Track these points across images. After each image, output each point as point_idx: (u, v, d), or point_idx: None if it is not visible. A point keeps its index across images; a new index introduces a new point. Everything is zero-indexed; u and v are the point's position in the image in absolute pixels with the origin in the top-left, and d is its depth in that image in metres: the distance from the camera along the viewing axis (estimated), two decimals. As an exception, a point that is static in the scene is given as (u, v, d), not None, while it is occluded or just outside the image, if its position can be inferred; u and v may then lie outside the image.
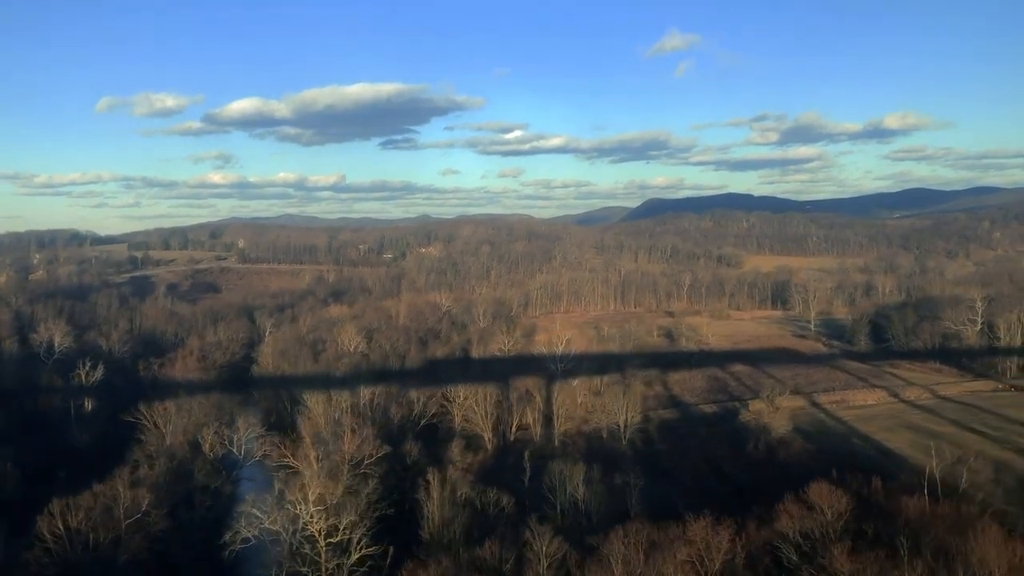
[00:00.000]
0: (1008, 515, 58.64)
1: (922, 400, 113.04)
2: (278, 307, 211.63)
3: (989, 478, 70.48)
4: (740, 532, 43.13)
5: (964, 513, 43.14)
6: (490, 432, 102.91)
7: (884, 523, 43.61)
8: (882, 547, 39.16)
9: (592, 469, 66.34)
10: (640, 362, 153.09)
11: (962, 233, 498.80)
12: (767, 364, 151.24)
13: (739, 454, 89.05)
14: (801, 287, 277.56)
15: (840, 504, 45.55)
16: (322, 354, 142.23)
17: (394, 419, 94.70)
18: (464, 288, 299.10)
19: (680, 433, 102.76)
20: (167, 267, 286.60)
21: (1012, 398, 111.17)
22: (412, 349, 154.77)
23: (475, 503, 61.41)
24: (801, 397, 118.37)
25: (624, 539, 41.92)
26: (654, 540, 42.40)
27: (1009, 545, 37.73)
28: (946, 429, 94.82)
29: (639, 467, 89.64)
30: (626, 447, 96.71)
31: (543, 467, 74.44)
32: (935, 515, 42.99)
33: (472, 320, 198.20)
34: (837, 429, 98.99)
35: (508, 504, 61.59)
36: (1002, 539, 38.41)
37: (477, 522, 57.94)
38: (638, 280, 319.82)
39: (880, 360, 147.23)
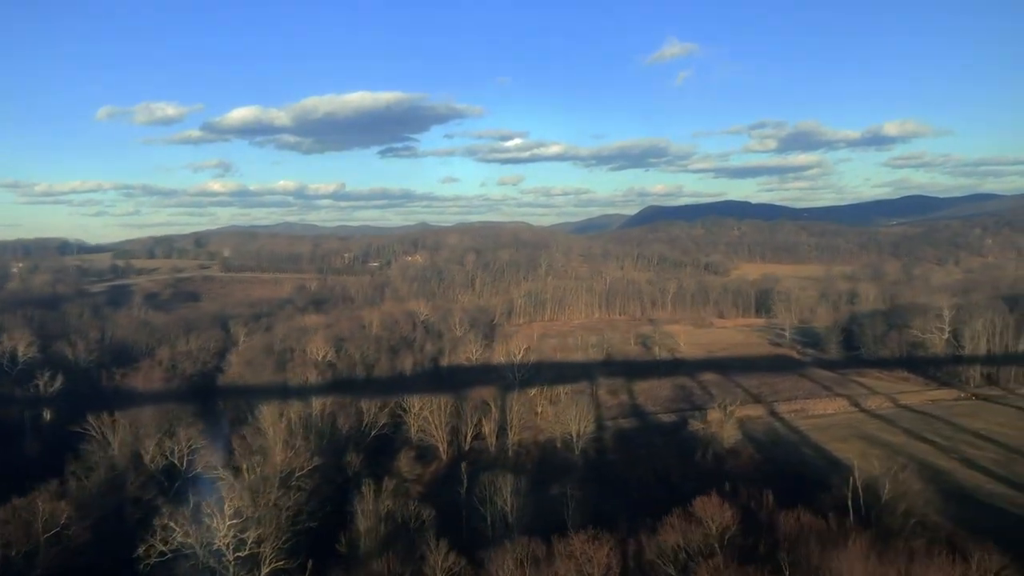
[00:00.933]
0: (928, 527, 58.31)
1: (882, 409, 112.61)
2: (254, 316, 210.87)
3: (920, 489, 70.08)
4: (624, 546, 42.65)
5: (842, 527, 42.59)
6: (445, 443, 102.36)
7: (766, 537, 43.17)
8: (761, 562, 38.74)
9: (520, 480, 65.65)
10: (609, 371, 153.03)
11: (953, 240, 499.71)
12: (736, 373, 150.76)
13: (688, 464, 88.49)
14: (783, 295, 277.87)
15: (725, 518, 45.08)
16: (287, 364, 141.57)
17: (342, 430, 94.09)
18: (447, 297, 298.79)
19: (635, 442, 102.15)
20: (149, 276, 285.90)
21: (971, 407, 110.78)
22: (382, 358, 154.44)
23: (395, 516, 60.78)
24: (762, 406, 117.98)
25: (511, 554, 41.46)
26: (537, 555, 41.98)
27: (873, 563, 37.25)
28: (898, 439, 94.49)
29: (589, 477, 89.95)
30: (578, 457, 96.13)
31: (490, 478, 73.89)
32: (811, 529, 42.45)
33: (448, 329, 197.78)
34: (790, 439, 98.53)
35: (429, 517, 60.97)
36: (866, 555, 37.92)
37: (396, 536, 57.34)
38: (624, 288, 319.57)
39: (849, 368, 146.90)
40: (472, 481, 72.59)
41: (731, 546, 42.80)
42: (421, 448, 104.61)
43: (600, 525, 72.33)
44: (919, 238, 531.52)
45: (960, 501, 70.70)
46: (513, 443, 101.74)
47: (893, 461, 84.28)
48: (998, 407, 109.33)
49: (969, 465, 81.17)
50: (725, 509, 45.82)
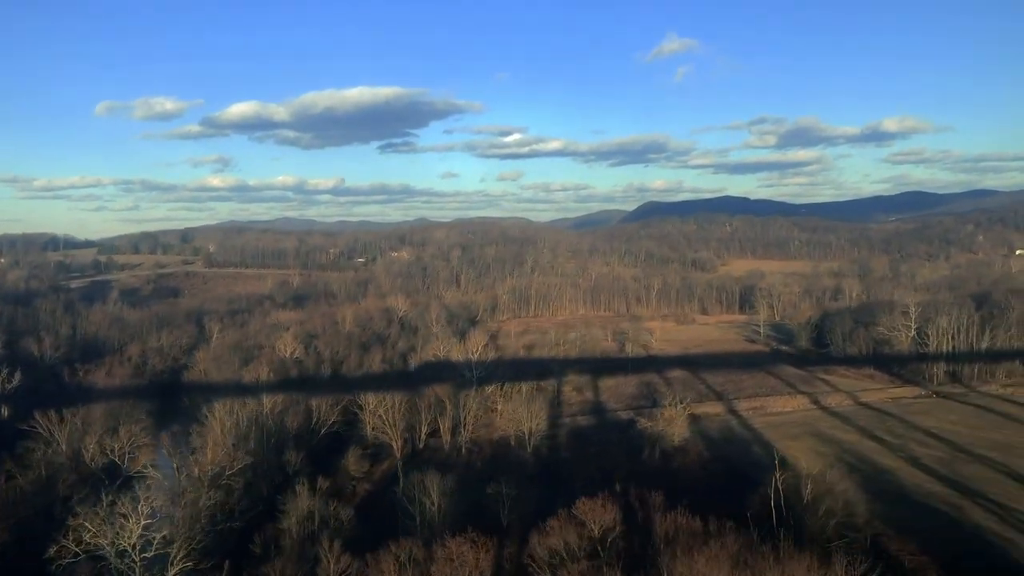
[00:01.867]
0: (850, 527, 57.92)
1: (841, 407, 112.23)
2: (230, 312, 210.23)
3: (846, 488, 69.73)
4: (504, 548, 42.19)
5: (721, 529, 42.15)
6: (399, 440, 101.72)
7: (643, 539, 42.73)
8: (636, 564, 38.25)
9: (448, 480, 65.20)
10: (579, 367, 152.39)
11: (944, 237, 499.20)
12: (705, 369, 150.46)
13: (636, 461, 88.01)
14: (765, 291, 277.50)
15: (607, 519, 44.62)
16: (253, 361, 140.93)
17: (290, 428, 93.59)
18: (431, 293, 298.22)
19: (589, 440, 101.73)
20: (131, 272, 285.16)
21: (929, 405, 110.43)
22: (352, 355, 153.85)
23: (315, 516, 60.29)
24: (721, 403, 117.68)
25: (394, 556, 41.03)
26: (417, 557, 41.54)
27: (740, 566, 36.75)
28: (850, 437, 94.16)
29: (537, 475, 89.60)
30: (530, 455, 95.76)
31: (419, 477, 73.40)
32: (687, 531, 41.95)
33: (424, 326, 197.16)
34: (743, 436, 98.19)
35: (347, 516, 60.54)
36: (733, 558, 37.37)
37: (312, 536, 56.84)
38: (609, 285, 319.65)
39: (819, 366, 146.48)
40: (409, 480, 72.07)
41: (612, 548, 42.37)
42: (377, 446, 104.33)
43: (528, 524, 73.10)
44: (911, 234, 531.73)
45: (895, 500, 70.42)
46: (467, 441, 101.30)
47: (839, 460, 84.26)
48: (956, 405, 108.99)
49: (914, 464, 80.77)
50: (607, 510, 45.33)
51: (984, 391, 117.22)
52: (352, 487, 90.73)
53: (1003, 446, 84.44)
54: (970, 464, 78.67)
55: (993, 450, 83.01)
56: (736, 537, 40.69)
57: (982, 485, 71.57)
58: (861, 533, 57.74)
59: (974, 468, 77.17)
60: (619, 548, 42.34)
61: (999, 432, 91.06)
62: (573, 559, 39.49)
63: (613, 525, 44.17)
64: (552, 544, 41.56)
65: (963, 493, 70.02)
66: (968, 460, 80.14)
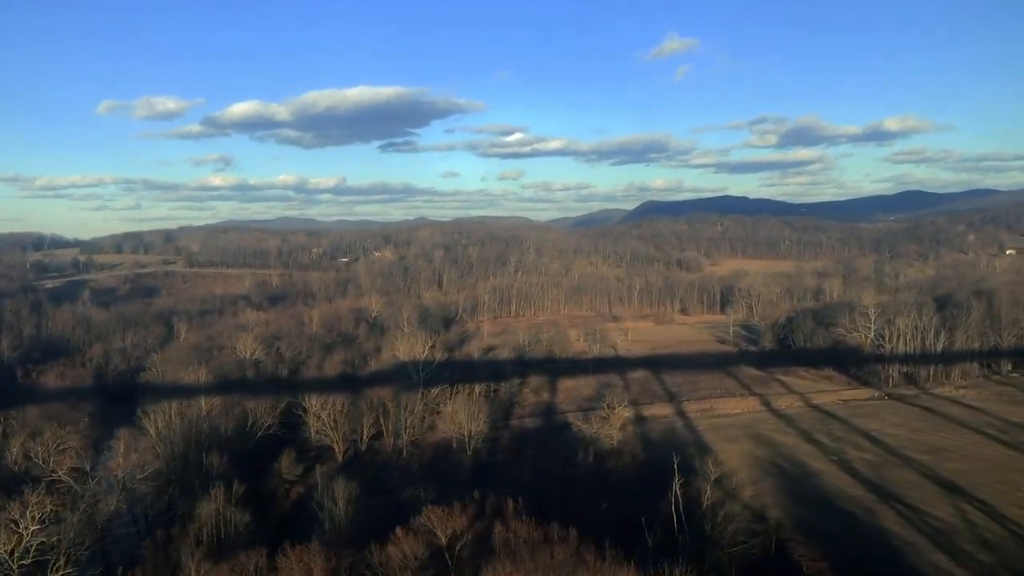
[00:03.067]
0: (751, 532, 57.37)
1: (791, 409, 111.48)
2: (202, 312, 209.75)
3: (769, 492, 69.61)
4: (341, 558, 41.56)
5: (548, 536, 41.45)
6: (340, 443, 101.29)
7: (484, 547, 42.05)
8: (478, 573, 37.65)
9: (351, 485, 64.58)
10: (544, 368, 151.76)
11: (935, 237, 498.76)
12: (667, 370, 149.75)
13: (570, 464, 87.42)
14: (744, 291, 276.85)
15: (458, 526, 43.97)
16: (211, 362, 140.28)
17: (224, 431, 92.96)
18: (411, 293, 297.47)
19: (531, 442, 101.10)
20: (110, 271, 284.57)
21: (877, 407, 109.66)
22: (314, 356, 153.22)
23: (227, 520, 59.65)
24: (671, 405, 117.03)
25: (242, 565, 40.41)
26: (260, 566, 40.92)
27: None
28: (789, 439, 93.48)
29: (471, 479, 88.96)
30: (470, 458, 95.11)
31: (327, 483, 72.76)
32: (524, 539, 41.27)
33: (396, 326, 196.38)
34: (684, 439, 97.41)
35: (243, 522, 59.89)
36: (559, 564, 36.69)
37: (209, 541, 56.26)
38: (592, 284, 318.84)
39: (779, 367, 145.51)
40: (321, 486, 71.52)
41: (460, 557, 41.75)
42: (320, 449, 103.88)
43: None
44: (902, 234, 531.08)
45: (813, 504, 69.92)
46: (407, 444, 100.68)
47: (770, 463, 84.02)
48: (904, 407, 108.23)
49: (843, 467, 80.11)
50: (456, 519, 44.66)
51: (936, 393, 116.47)
52: (285, 490, 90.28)
53: (936, 449, 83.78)
54: (898, 468, 78.02)
55: (925, 453, 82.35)
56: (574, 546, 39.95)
57: (902, 489, 70.96)
58: (759, 539, 57.20)
59: (900, 472, 76.52)
60: (464, 557, 41.75)
61: (937, 435, 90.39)
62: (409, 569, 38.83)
63: (462, 533, 43.55)
64: (392, 553, 40.88)
65: (882, 497, 69.43)
66: (897, 463, 79.49)
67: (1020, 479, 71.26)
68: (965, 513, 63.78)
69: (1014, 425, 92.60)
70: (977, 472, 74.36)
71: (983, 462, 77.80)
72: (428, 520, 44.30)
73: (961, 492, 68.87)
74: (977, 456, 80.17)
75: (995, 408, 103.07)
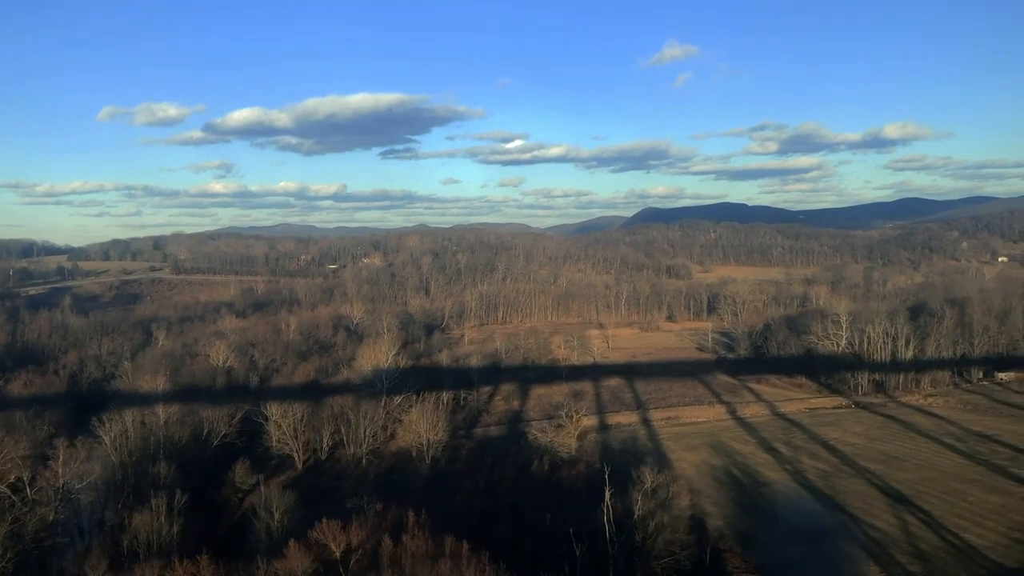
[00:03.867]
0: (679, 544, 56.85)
1: (756, 417, 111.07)
2: (183, 319, 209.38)
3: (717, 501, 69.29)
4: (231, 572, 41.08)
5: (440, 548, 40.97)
6: (300, 452, 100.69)
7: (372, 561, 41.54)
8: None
9: (287, 495, 64.02)
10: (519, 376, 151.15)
11: (928, 244, 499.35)
12: (641, 377, 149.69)
13: (526, 473, 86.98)
14: (730, 299, 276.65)
15: (354, 540, 43.48)
16: (182, 370, 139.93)
17: (179, 439, 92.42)
18: (398, 300, 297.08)
19: (491, 451, 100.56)
20: (95, 278, 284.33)
21: (842, 415, 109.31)
22: (289, 363, 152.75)
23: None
24: (636, 413, 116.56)
25: None
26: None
27: None
28: (748, 448, 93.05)
29: (425, 488, 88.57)
30: (427, 467, 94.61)
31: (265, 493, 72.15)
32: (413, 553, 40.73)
33: (376, 333, 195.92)
34: (643, 447, 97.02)
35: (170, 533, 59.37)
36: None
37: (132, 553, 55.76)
38: (581, 291, 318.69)
39: (753, 374, 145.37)
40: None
41: (353, 571, 41.22)
42: (281, 458, 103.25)
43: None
44: (896, 241, 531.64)
45: (758, 514, 69.44)
46: (367, 453, 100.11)
47: (724, 472, 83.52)
48: (869, 416, 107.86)
49: (796, 477, 79.64)
50: (352, 531, 44.14)
51: (904, 402, 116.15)
52: (239, 500, 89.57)
53: (891, 458, 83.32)
54: (849, 478, 77.53)
55: (879, 463, 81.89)
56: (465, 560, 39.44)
57: (849, 499, 70.50)
58: (691, 550, 56.66)
59: (850, 482, 76.04)
60: (357, 572, 41.27)
61: (895, 444, 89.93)
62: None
63: (357, 547, 43.01)
64: (278, 568, 40.33)
65: (827, 507, 68.98)
66: (849, 473, 79.01)
67: (967, 489, 70.82)
68: (906, 523, 63.32)
69: (973, 434, 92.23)
70: (926, 481, 73.94)
71: (934, 471, 77.35)
72: (322, 534, 43.81)
73: (907, 502, 68.42)
74: (930, 465, 79.71)
75: (958, 417, 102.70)
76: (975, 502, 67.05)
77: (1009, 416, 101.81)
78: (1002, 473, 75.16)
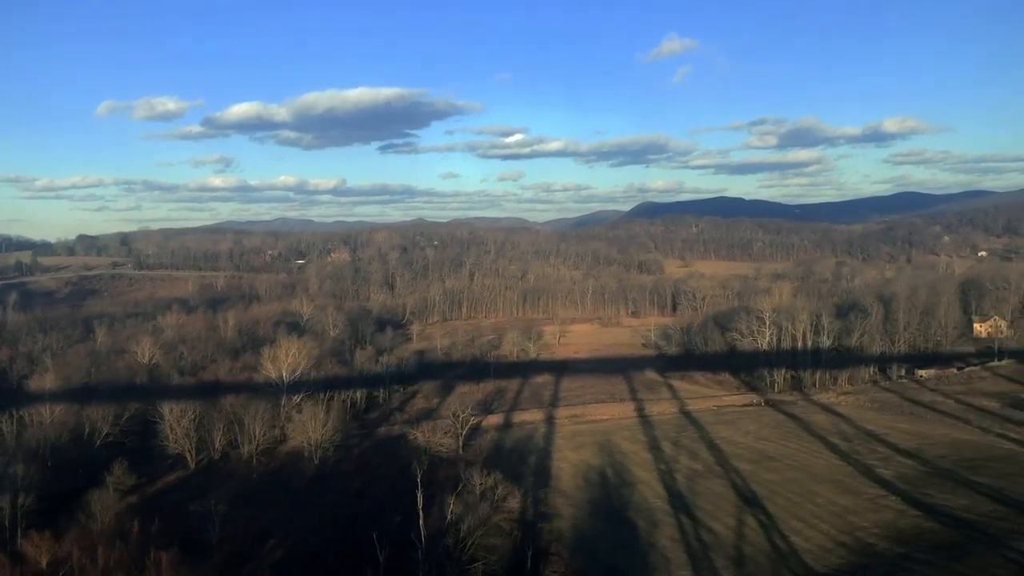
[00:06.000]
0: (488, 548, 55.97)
1: (662, 415, 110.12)
2: (130, 315, 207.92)
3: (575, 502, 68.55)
4: None
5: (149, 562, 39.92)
6: (192, 452, 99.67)
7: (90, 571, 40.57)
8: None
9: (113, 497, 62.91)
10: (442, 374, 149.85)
11: (907, 239, 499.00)
12: (572, 374, 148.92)
13: (404, 474, 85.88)
14: (689, 294, 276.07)
15: (62, 552, 42.53)
16: (103, 367, 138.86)
17: (60, 440, 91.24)
18: (360, 295, 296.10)
19: (382, 451, 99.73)
20: (54, 274, 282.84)
21: (745, 414, 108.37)
22: (220, 361, 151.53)
23: None
24: (546, 410, 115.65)
25: None
26: None
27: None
28: (634, 447, 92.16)
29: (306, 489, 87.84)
30: (314, 468, 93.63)
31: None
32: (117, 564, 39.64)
33: (322, 330, 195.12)
34: (535, 446, 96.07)
35: None
36: None
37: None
38: (548, 287, 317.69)
39: (681, 371, 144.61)
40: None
41: None
42: (176, 458, 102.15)
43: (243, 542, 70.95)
44: (877, 236, 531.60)
45: (608, 516, 68.53)
46: (258, 453, 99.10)
47: (597, 472, 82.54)
48: (772, 414, 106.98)
49: (665, 477, 78.69)
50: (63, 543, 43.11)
51: (816, 399, 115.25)
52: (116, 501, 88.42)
53: (766, 458, 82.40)
54: (714, 478, 76.60)
55: (752, 463, 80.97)
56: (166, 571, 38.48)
57: (702, 500, 69.62)
58: (501, 554, 55.75)
59: (713, 482, 75.11)
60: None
61: (779, 443, 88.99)
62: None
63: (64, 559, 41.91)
64: None
65: (677, 509, 68.05)
66: (717, 474, 78.07)
67: (822, 490, 69.89)
68: (744, 525, 62.40)
69: (864, 433, 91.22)
70: (787, 483, 73.01)
71: (801, 472, 76.43)
72: (30, 545, 42.77)
73: (756, 504, 67.50)
74: (800, 466, 78.78)
75: (859, 415, 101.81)
76: (823, 504, 66.13)
77: (909, 415, 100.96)
78: (867, 474, 74.22)
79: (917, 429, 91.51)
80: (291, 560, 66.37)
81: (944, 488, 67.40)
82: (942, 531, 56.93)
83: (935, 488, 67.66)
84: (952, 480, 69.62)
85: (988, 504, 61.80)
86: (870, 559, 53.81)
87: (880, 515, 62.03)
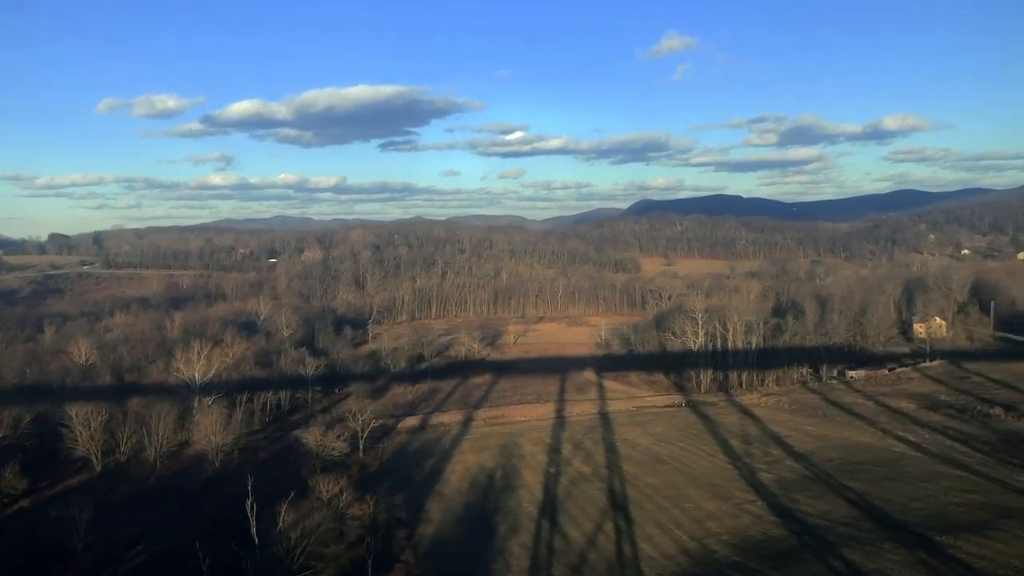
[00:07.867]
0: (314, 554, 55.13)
1: (579, 416, 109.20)
2: (83, 315, 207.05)
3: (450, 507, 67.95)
4: None
5: None
6: (98, 454, 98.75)
7: None
8: None
9: None
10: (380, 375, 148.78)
11: (891, 237, 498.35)
12: (512, 374, 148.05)
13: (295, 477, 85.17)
14: (655, 293, 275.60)
15: None
16: (32, 367, 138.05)
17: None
18: (328, 295, 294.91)
19: (283, 454, 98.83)
20: (19, 273, 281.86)
21: (659, 415, 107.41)
22: (158, 362, 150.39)
23: None
24: (465, 412, 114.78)
25: None
26: None
27: None
28: (535, 450, 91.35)
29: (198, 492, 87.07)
30: (214, 471, 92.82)
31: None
32: None
33: (276, 329, 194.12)
34: (439, 449, 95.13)
35: None
36: None
37: None
38: (520, 286, 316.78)
39: (619, 371, 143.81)
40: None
41: None
42: (84, 461, 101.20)
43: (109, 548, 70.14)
44: (861, 234, 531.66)
45: (475, 521, 67.62)
46: (163, 456, 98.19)
47: (484, 475, 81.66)
48: (686, 415, 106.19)
49: (549, 480, 77.81)
50: None
51: (738, 400, 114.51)
52: (5, 504, 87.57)
53: (657, 461, 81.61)
54: (596, 481, 75.81)
55: (640, 465, 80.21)
56: None
57: (572, 505, 68.92)
58: (334, 564, 54.96)
59: (592, 486, 74.29)
60: None
61: (676, 446, 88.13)
62: None
63: None
64: None
65: (545, 513, 67.24)
66: (601, 478, 77.21)
67: (696, 495, 69.03)
68: (600, 532, 61.58)
69: (769, 436, 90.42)
70: (664, 486, 72.24)
71: (683, 476, 75.59)
72: None
73: (623, 508, 66.71)
74: (686, 469, 77.94)
75: (771, 417, 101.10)
76: (688, 509, 65.31)
77: (822, 416, 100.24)
78: (748, 478, 73.43)
79: (821, 432, 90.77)
80: (152, 565, 65.70)
81: (814, 493, 66.62)
82: (786, 538, 56.13)
83: (806, 493, 66.87)
84: (826, 485, 68.90)
85: (845, 510, 61.04)
86: (705, 567, 52.99)
87: (738, 521, 61.23)
